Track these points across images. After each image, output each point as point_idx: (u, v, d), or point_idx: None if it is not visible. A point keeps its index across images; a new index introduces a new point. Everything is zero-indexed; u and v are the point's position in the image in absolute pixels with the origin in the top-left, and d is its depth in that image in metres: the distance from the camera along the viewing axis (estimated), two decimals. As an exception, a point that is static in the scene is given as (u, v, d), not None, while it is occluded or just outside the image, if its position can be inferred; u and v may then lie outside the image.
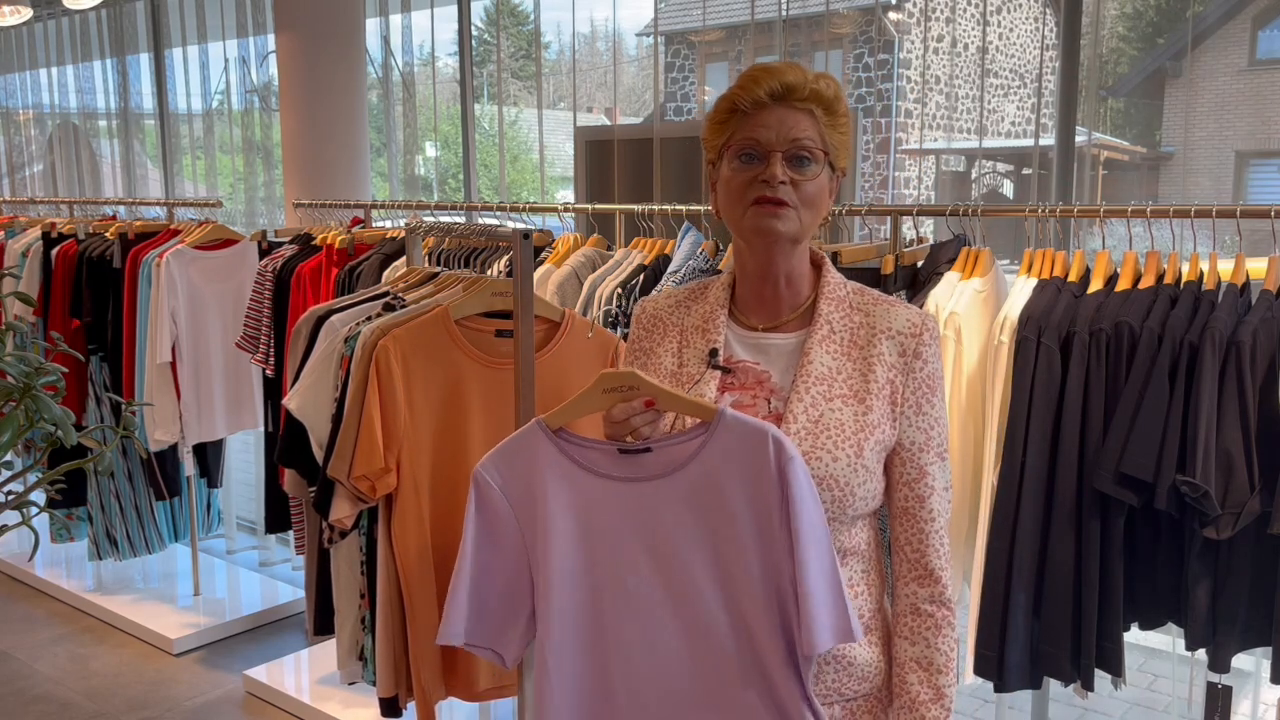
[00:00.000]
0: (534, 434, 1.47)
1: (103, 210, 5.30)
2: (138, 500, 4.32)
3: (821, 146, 1.42)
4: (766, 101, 1.40)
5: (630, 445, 1.43)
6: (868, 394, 1.45)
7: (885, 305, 1.51)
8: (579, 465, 1.45)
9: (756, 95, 1.40)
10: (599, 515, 1.44)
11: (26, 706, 3.55)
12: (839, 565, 1.42)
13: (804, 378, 1.45)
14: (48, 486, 1.45)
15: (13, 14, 5.31)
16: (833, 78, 1.45)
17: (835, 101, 1.43)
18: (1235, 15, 9.00)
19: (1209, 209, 2.13)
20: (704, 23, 8.36)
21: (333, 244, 3.36)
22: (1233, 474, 1.94)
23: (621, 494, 1.44)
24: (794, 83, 1.40)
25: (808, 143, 1.41)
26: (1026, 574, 2.14)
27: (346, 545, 2.44)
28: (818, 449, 1.42)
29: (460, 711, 3.40)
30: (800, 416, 1.43)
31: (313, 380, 2.37)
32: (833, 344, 1.47)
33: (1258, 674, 3.28)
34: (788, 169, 1.41)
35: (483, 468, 1.47)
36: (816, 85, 1.41)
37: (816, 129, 1.42)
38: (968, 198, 6.42)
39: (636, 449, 1.43)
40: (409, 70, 4.87)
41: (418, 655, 2.27)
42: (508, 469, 1.47)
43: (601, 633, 1.45)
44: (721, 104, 1.45)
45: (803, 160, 1.41)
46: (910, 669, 1.48)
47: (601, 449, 1.45)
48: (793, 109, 1.41)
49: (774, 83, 1.40)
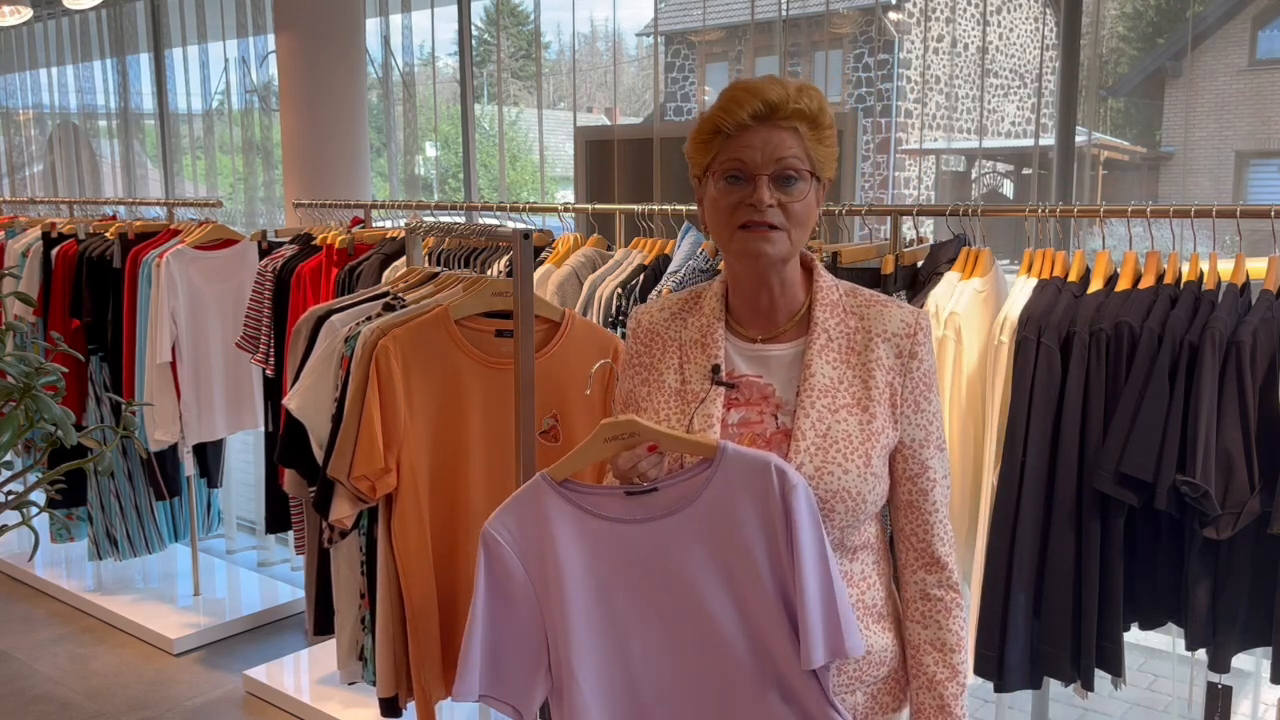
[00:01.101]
0: (539, 488, 1.49)
1: (103, 210, 5.30)
2: (138, 500, 4.32)
3: (808, 164, 1.42)
4: (749, 123, 1.39)
5: (636, 488, 1.45)
6: (870, 401, 1.47)
7: (878, 306, 1.52)
8: (588, 512, 1.47)
9: (739, 117, 1.39)
10: (613, 559, 1.46)
11: (26, 706, 3.55)
12: (853, 560, 1.49)
13: (808, 391, 1.46)
14: (48, 486, 1.45)
15: (13, 14, 5.31)
16: (816, 90, 1.43)
17: (819, 115, 1.42)
18: (1235, 15, 9.00)
19: (1209, 209, 2.13)
20: (704, 23, 8.36)
21: (333, 244, 3.36)
22: (1233, 474, 1.94)
23: (634, 535, 1.46)
24: (776, 101, 1.39)
25: (794, 162, 1.40)
26: (1026, 574, 2.14)
27: (346, 545, 2.44)
28: (829, 464, 1.44)
29: (460, 712, 3.40)
30: (809, 433, 1.44)
31: (313, 380, 2.37)
32: (831, 352, 1.48)
33: (1258, 674, 3.28)
34: (775, 190, 1.40)
35: (490, 526, 1.49)
36: (799, 103, 1.40)
37: (801, 146, 1.41)
38: (968, 198, 6.42)
39: (643, 490, 1.45)
40: (409, 70, 4.87)
41: (418, 655, 2.27)
42: (516, 524, 1.49)
43: (627, 671, 1.48)
44: (704, 124, 1.44)
45: (789, 180, 1.41)
46: (925, 651, 1.52)
47: (607, 494, 1.47)
48: (777, 128, 1.40)
49: (756, 103, 1.39)
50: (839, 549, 1.48)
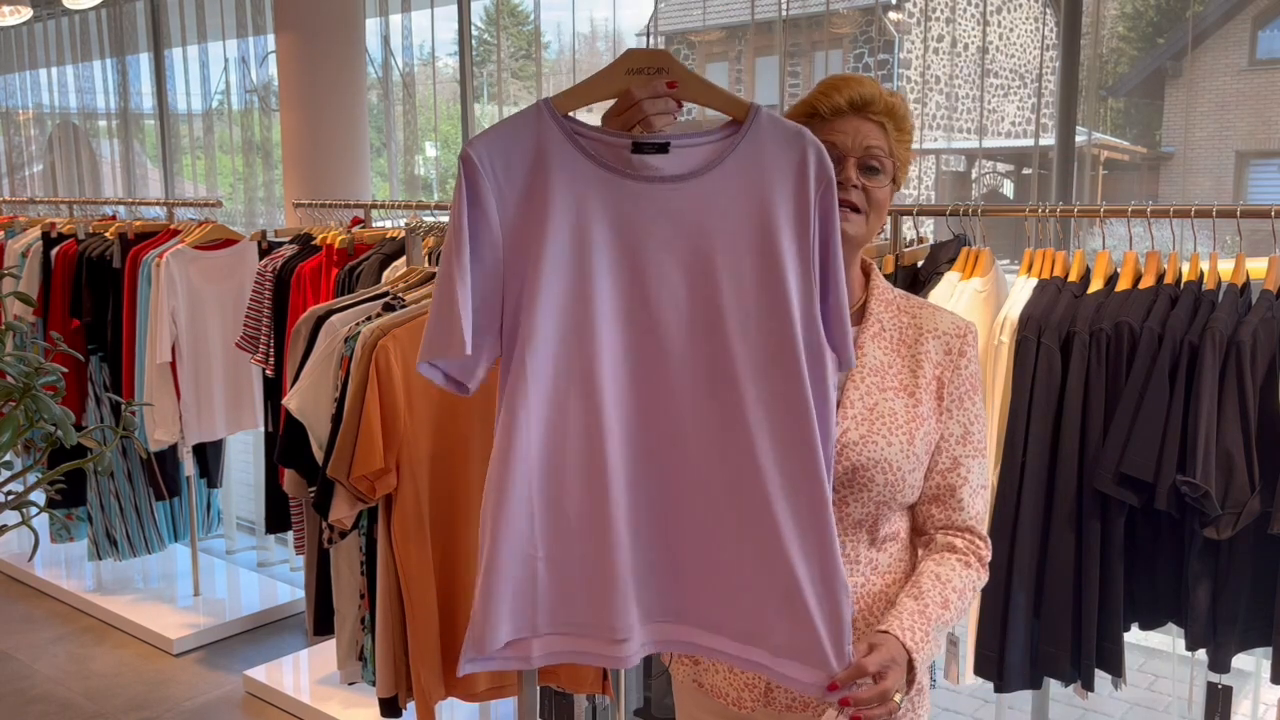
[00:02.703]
0: (538, 115, 1.28)
1: (103, 210, 5.30)
2: (137, 500, 4.31)
3: (891, 157, 1.50)
4: (845, 109, 1.47)
5: (646, 138, 1.29)
6: (917, 388, 1.50)
7: (930, 310, 1.58)
8: (586, 155, 1.28)
9: (836, 102, 1.47)
10: (608, 218, 1.28)
11: (26, 706, 3.55)
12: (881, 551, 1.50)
13: (859, 369, 1.49)
14: (48, 486, 1.45)
15: (13, 14, 5.31)
16: (902, 97, 1.52)
17: (905, 119, 1.51)
18: (1235, 15, 9.00)
19: (1209, 209, 2.13)
20: (704, 23, 8.36)
21: (333, 244, 3.36)
22: (1233, 474, 1.94)
23: (634, 194, 1.27)
24: (871, 95, 1.47)
25: (879, 152, 1.48)
26: (1027, 574, 2.14)
27: (346, 545, 2.44)
28: (873, 434, 1.46)
29: (460, 711, 3.40)
30: (856, 404, 1.48)
31: (312, 380, 2.37)
32: (884, 340, 1.53)
33: (1258, 674, 3.28)
34: (859, 175, 1.47)
35: (472, 147, 1.27)
36: (891, 100, 1.49)
37: (887, 141, 1.49)
38: (968, 198, 6.42)
39: (652, 143, 1.27)
40: (409, 70, 4.87)
41: (417, 655, 2.27)
42: (502, 152, 1.27)
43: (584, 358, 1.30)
44: (801, 107, 1.51)
45: (873, 169, 1.48)
46: (928, 577, 1.46)
47: (611, 141, 1.28)
48: (868, 119, 1.48)
49: (853, 92, 1.47)
50: (870, 536, 1.48)
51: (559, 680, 2.40)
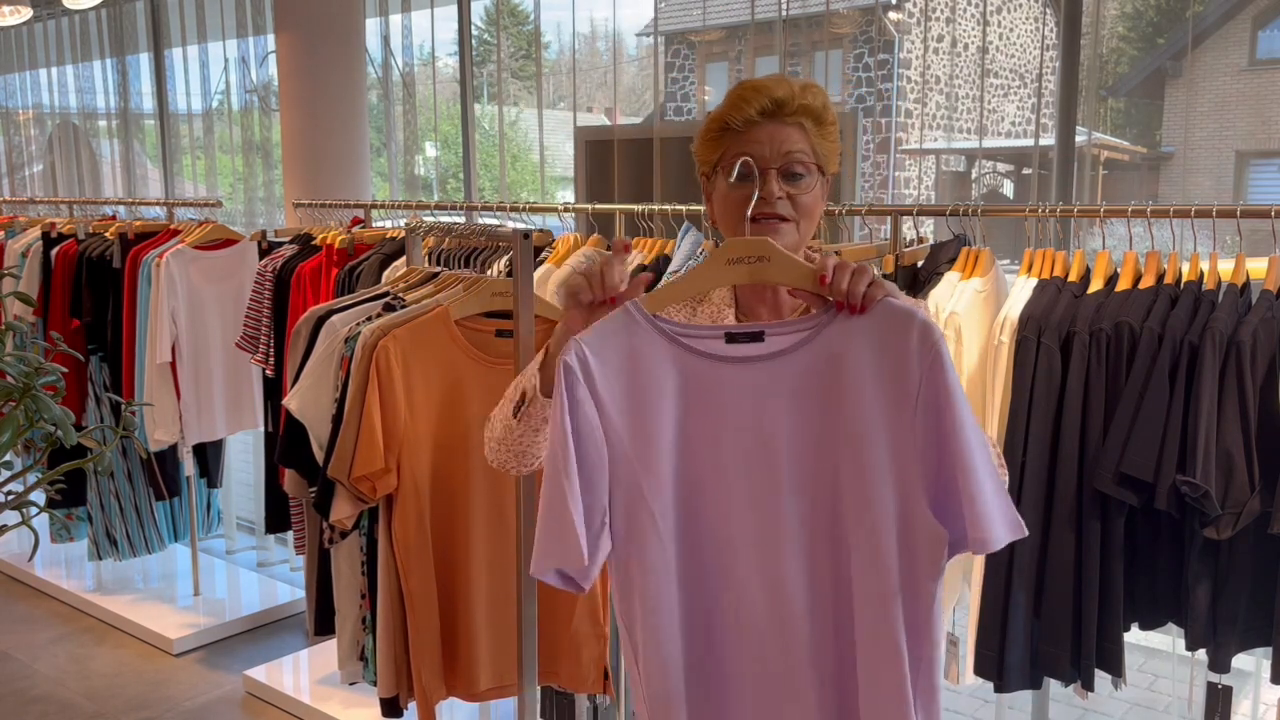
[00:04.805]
0: (628, 319, 1.32)
1: (103, 210, 5.30)
2: (137, 500, 4.31)
3: (813, 158, 1.47)
4: (757, 119, 1.45)
5: (739, 329, 1.32)
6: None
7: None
8: (688, 349, 1.32)
9: (748, 114, 1.45)
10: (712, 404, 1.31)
11: (26, 706, 3.55)
12: None
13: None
14: (48, 486, 1.45)
15: (13, 14, 5.31)
16: (819, 87, 1.49)
17: (823, 111, 1.48)
18: (1235, 15, 9.00)
19: (1209, 209, 2.13)
20: (704, 23, 8.36)
21: (333, 244, 3.36)
22: (1233, 474, 1.94)
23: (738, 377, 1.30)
24: (783, 98, 1.45)
25: (800, 156, 1.46)
26: (1026, 574, 2.14)
27: (347, 545, 2.44)
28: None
29: (460, 711, 3.40)
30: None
31: (313, 380, 2.37)
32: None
33: (1258, 674, 3.27)
34: (783, 184, 1.45)
35: (566, 355, 1.30)
36: (804, 99, 1.46)
37: (807, 141, 1.47)
38: (968, 198, 6.41)
39: (746, 334, 1.31)
40: (409, 70, 4.87)
41: (418, 655, 2.27)
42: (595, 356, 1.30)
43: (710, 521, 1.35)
44: (713, 122, 1.49)
45: (796, 174, 1.46)
46: None
47: (705, 334, 1.33)
48: (783, 124, 1.45)
49: (764, 100, 1.44)
50: None
51: (560, 680, 2.40)
